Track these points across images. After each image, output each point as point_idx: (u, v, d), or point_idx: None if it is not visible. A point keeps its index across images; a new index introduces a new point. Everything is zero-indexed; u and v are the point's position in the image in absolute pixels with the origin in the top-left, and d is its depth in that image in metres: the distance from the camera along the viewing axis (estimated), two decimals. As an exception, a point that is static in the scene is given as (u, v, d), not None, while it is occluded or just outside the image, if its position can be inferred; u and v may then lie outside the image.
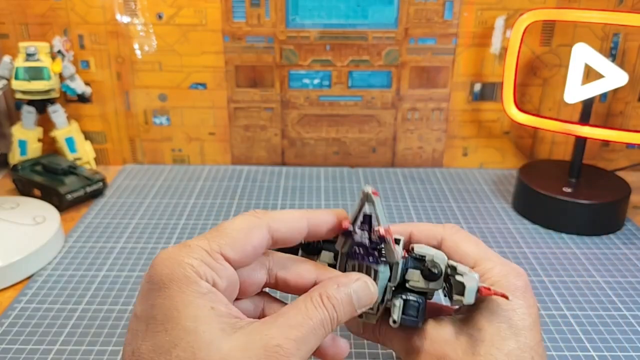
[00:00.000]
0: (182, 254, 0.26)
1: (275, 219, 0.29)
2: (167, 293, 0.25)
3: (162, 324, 0.24)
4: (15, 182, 0.68)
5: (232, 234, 0.27)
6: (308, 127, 0.77)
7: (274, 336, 0.25)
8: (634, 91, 0.75)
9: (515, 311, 0.32)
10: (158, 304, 0.25)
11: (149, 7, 0.71)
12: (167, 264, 0.25)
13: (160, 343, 0.24)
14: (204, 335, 0.24)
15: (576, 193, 0.61)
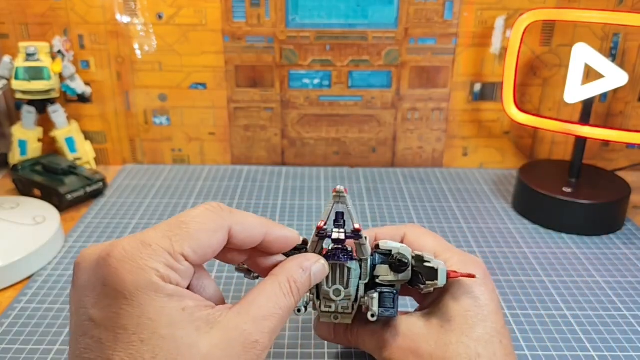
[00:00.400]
0: (144, 257, 0.24)
1: (237, 222, 0.29)
2: (135, 302, 0.23)
3: (135, 334, 0.23)
4: (15, 182, 0.68)
5: (196, 236, 0.26)
6: (308, 127, 0.77)
7: (251, 332, 0.26)
8: (634, 91, 0.75)
9: (479, 298, 0.34)
10: (125, 312, 0.23)
11: (149, 7, 0.71)
12: (129, 269, 0.24)
13: (138, 354, 0.23)
14: (182, 340, 0.24)
15: (576, 193, 0.61)
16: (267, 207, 0.66)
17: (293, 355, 0.42)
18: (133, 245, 0.25)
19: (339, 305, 0.35)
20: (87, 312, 0.24)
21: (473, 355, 0.32)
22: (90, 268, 0.25)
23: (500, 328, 0.33)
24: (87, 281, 0.25)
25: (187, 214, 0.27)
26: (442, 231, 0.61)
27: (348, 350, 0.42)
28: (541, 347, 0.43)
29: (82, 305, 0.24)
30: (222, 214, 0.28)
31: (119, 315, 0.23)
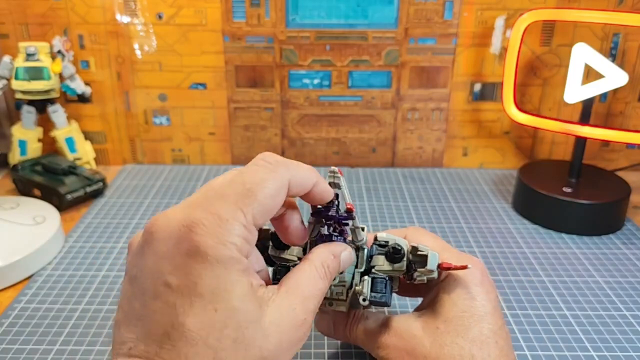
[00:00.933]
0: (224, 232, 0.25)
1: (293, 175, 0.29)
2: (215, 272, 0.25)
3: (211, 304, 0.24)
4: (15, 182, 0.68)
5: (264, 202, 0.27)
6: (308, 127, 0.77)
7: (299, 311, 0.28)
8: (634, 91, 0.75)
9: (475, 299, 0.34)
10: (204, 282, 0.25)
11: (149, 7, 0.71)
12: (211, 244, 0.25)
13: (210, 322, 0.24)
14: (250, 314, 0.25)
15: (576, 193, 0.61)
16: (267, 207, 0.66)
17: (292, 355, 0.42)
18: (211, 220, 0.25)
19: (334, 290, 0.35)
20: (163, 277, 0.25)
21: (467, 357, 0.32)
22: (169, 238, 0.26)
23: (497, 329, 0.33)
24: (166, 248, 0.25)
25: (251, 178, 0.27)
26: (442, 231, 0.61)
27: (348, 350, 0.42)
28: (541, 347, 0.43)
29: (158, 271, 0.25)
30: (281, 171, 0.28)
31: (196, 284, 0.24)
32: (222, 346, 0.24)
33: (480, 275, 0.35)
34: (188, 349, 0.24)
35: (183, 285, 0.25)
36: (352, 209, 0.33)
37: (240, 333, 0.25)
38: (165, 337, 0.24)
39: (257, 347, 0.25)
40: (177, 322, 0.24)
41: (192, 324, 0.24)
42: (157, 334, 0.24)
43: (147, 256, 0.26)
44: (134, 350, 0.25)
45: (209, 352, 0.24)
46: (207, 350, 0.24)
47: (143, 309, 0.25)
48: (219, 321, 0.24)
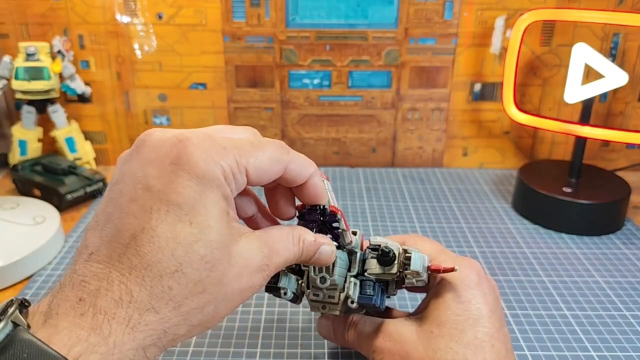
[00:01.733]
0: (219, 154, 0.26)
1: (292, 161, 0.30)
2: (199, 187, 0.25)
3: (187, 216, 0.24)
4: (15, 182, 0.68)
5: (260, 159, 0.28)
6: (308, 127, 0.77)
7: (265, 256, 0.28)
8: (634, 91, 0.75)
9: (470, 302, 0.33)
10: (186, 193, 0.24)
11: (149, 7, 0.71)
12: (203, 157, 0.25)
13: (182, 234, 0.24)
14: (221, 237, 0.25)
15: (576, 193, 0.61)
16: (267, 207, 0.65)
17: (293, 355, 0.42)
18: (208, 141, 0.26)
19: (326, 294, 0.35)
20: (146, 181, 0.25)
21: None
22: (160, 145, 0.25)
23: (494, 332, 0.33)
24: (155, 155, 0.25)
25: (255, 137, 0.29)
26: (442, 231, 0.61)
27: (348, 351, 0.42)
28: (541, 347, 0.43)
29: (142, 175, 0.25)
30: (284, 151, 0.29)
31: (178, 193, 0.24)
32: (188, 260, 0.24)
33: (477, 277, 0.35)
34: (153, 255, 0.23)
35: (163, 192, 0.24)
36: (335, 211, 0.33)
37: (210, 252, 0.24)
38: (132, 241, 0.23)
39: (219, 271, 0.25)
40: (148, 226, 0.24)
41: (162, 231, 0.24)
42: (124, 237, 0.24)
43: (133, 161, 0.26)
44: (95, 255, 0.24)
45: (173, 263, 0.23)
46: (171, 260, 0.23)
47: (116, 211, 0.25)
48: (192, 234, 0.24)
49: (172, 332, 0.24)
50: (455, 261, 0.35)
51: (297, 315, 0.46)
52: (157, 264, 0.23)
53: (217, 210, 0.25)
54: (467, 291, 0.34)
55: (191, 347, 0.42)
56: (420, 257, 0.34)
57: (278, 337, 0.44)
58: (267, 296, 0.49)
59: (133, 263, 0.23)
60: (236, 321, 0.46)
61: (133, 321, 0.23)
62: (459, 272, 0.34)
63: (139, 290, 0.23)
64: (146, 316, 0.23)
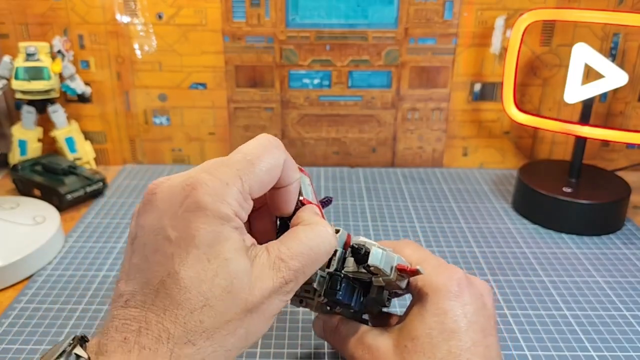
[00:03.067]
0: (224, 192, 0.27)
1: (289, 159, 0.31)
2: (212, 227, 0.26)
3: (205, 254, 0.26)
4: (15, 182, 0.68)
5: (260, 174, 0.29)
6: (308, 127, 0.77)
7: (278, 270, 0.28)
8: (634, 91, 0.75)
9: (446, 314, 0.32)
10: (201, 235, 0.26)
11: (149, 7, 0.71)
12: (211, 201, 0.27)
13: (203, 271, 0.26)
14: (239, 266, 0.27)
15: (576, 193, 0.61)
16: (267, 207, 0.66)
17: (293, 355, 0.42)
18: (213, 181, 0.28)
19: (302, 287, 0.35)
20: (164, 232, 0.27)
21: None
22: (171, 195, 0.28)
23: (471, 345, 0.31)
24: (168, 207, 0.27)
25: (252, 151, 0.30)
26: (442, 231, 0.61)
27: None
28: (541, 347, 0.43)
29: (160, 226, 0.27)
30: (278, 150, 0.30)
31: (194, 236, 0.26)
32: (212, 294, 0.26)
33: (457, 287, 0.33)
34: (181, 295, 0.25)
35: (181, 238, 0.26)
36: (305, 202, 0.33)
37: (230, 282, 0.26)
38: (161, 286, 0.26)
39: (243, 298, 0.26)
40: (172, 271, 0.26)
41: (186, 273, 0.26)
42: (154, 283, 0.26)
43: (148, 214, 0.28)
44: (131, 301, 0.26)
45: (200, 299, 0.26)
46: (198, 297, 0.26)
47: (142, 262, 0.27)
48: (212, 270, 0.26)
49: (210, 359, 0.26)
50: (435, 266, 0.34)
51: (297, 315, 0.47)
52: (186, 302, 0.25)
53: (232, 242, 0.27)
54: (445, 302, 0.33)
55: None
56: (383, 253, 0.33)
57: (278, 337, 0.44)
58: (267, 296, 0.49)
59: (165, 304, 0.26)
60: (236, 321, 0.46)
61: (175, 355, 0.25)
62: (438, 281, 0.33)
63: (174, 327, 0.25)
64: (185, 349, 0.25)
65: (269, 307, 0.28)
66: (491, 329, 0.33)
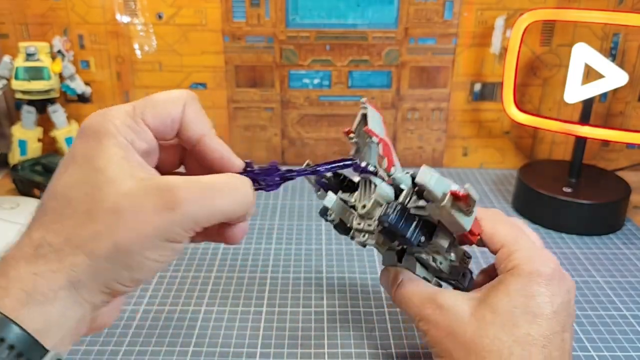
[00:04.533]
0: (109, 112, 0.29)
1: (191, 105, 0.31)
2: (90, 141, 0.28)
3: (78, 164, 0.27)
4: (15, 182, 0.68)
5: (155, 101, 0.30)
6: (308, 127, 0.77)
7: (170, 183, 0.27)
8: (634, 91, 0.75)
9: (534, 298, 0.32)
10: (79, 148, 0.28)
11: (149, 7, 0.71)
12: (96, 119, 0.28)
13: (73, 180, 0.27)
14: (110, 174, 0.27)
15: (576, 193, 0.61)
16: (267, 208, 0.66)
17: (293, 355, 0.42)
18: (103, 109, 0.29)
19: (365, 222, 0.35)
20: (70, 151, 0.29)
21: (505, 354, 0.30)
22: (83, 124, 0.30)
23: (550, 334, 0.31)
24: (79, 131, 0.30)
25: (152, 94, 0.31)
26: (442, 231, 0.61)
27: (348, 351, 0.42)
28: (541, 347, 0.43)
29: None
30: (183, 94, 0.31)
31: (74, 154, 0.28)
32: (77, 198, 0.26)
33: (550, 274, 0.32)
34: (50, 203, 0.27)
35: (66, 157, 0.28)
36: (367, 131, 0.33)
37: (97, 189, 0.26)
38: (41, 203, 0.28)
39: (110, 201, 0.26)
40: (50, 187, 0.28)
41: (59, 184, 0.27)
42: (38, 204, 0.28)
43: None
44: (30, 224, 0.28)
45: (66, 204, 0.27)
46: (65, 202, 0.27)
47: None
48: (80, 178, 0.27)
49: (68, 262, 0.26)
50: (528, 253, 0.33)
51: (297, 315, 0.47)
52: (51, 209, 0.27)
53: (106, 155, 0.27)
54: (535, 286, 0.32)
55: (191, 347, 0.42)
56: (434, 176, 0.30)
57: (278, 337, 0.44)
58: (267, 295, 0.49)
59: (36, 217, 0.27)
60: (236, 321, 0.46)
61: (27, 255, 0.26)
62: (529, 264, 0.32)
63: (35, 232, 0.27)
64: (40, 250, 0.26)
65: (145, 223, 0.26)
66: (570, 326, 0.32)
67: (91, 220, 0.26)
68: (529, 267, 0.32)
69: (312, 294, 0.49)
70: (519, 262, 0.33)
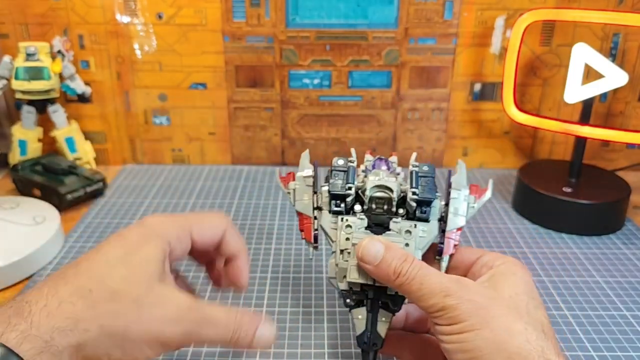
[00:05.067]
0: (167, 219, 0.35)
1: (229, 234, 0.38)
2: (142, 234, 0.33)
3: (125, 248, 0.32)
4: (15, 182, 0.68)
5: (204, 227, 0.36)
6: (308, 127, 0.77)
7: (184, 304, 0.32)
8: (634, 91, 0.75)
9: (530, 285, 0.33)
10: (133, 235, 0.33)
11: (149, 7, 0.71)
12: (154, 220, 0.34)
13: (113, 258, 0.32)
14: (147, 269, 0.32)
15: (576, 193, 0.61)
16: (267, 208, 0.66)
17: (293, 355, 0.42)
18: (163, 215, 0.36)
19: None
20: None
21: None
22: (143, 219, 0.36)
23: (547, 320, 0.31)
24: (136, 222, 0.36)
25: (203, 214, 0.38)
26: (442, 231, 0.61)
27: (348, 350, 0.42)
28: (541, 347, 0.43)
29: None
30: (225, 220, 0.38)
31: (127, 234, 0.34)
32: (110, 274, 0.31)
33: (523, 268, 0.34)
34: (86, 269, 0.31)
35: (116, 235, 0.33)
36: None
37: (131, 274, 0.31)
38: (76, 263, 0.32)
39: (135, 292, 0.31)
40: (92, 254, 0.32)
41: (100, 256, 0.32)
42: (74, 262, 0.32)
43: None
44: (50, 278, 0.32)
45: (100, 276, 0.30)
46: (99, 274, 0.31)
47: None
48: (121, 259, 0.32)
49: (82, 326, 0.29)
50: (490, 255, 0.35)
51: (297, 315, 0.47)
52: (86, 275, 0.30)
53: (151, 251, 0.32)
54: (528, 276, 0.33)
55: (191, 348, 0.42)
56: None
57: (278, 336, 0.44)
58: (267, 296, 0.49)
59: (68, 274, 0.30)
60: (236, 321, 0.46)
61: (51, 307, 0.28)
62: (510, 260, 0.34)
63: (64, 289, 0.29)
64: (63, 306, 0.29)
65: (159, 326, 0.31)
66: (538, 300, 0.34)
67: (115, 300, 0.30)
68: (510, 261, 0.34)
69: (312, 294, 0.49)
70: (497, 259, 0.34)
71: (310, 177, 0.38)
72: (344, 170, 0.37)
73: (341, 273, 0.35)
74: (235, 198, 0.68)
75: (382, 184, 0.35)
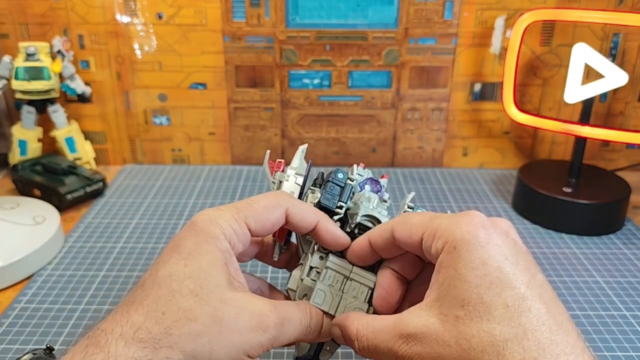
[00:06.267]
0: (217, 215, 0.31)
1: (294, 206, 0.34)
2: (197, 238, 0.30)
3: (183, 258, 0.30)
4: (15, 182, 0.68)
5: (258, 209, 0.32)
6: (308, 127, 0.77)
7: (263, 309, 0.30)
8: (634, 91, 0.75)
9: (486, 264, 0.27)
10: (186, 242, 0.30)
11: (149, 7, 0.71)
12: (203, 219, 0.31)
13: (177, 273, 0.29)
14: (214, 278, 0.29)
15: (576, 193, 0.61)
16: (267, 207, 0.65)
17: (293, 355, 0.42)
18: (211, 209, 0.32)
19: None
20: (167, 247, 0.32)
21: (500, 345, 0.25)
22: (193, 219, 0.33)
23: (525, 289, 0.26)
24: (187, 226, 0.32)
25: (253, 197, 0.34)
26: (442, 231, 0.61)
27: (348, 350, 0.42)
28: (541, 347, 0.43)
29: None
30: (282, 197, 0.34)
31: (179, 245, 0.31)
32: (180, 292, 0.28)
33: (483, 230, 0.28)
34: (153, 290, 0.28)
35: (171, 246, 0.31)
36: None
37: (199, 287, 0.28)
38: (140, 286, 0.29)
39: (211, 306, 0.28)
40: (153, 272, 0.30)
41: (163, 272, 0.29)
42: (139, 284, 0.30)
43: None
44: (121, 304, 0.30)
45: (167, 294, 0.28)
46: (167, 292, 0.28)
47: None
48: (185, 273, 0.29)
49: (163, 354, 0.27)
50: (452, 219, 0.29)
51: (297, 315, 0.46)
52: (154, 295, 0.28)
53: (211, 257, 0.30)
54: (478, 252, 0.27)
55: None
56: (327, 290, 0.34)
57: (278, 337, 0.44)
58: (267, 296, 0.49)
59: (136, 298, 0.28)
60: (236, 321, 0.45)
61: (127, 336, 0.27)
62: (461, 231, 0.28)
63: (136, 315, 0.28)
64: (139, 333, 0.27)
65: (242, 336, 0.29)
66: (534, 265, 0.29)
67: (191, 320, 0.28)
68: (460, 233, 0.28)
69: (312, 294, 0.49)
70: (447, 234, 0.28)
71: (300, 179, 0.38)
72: (341, 186, 0.37)
73: (303, 290, 0.34)
74: (235, 198, 0.68)
75: (374, 215, 0.35)
